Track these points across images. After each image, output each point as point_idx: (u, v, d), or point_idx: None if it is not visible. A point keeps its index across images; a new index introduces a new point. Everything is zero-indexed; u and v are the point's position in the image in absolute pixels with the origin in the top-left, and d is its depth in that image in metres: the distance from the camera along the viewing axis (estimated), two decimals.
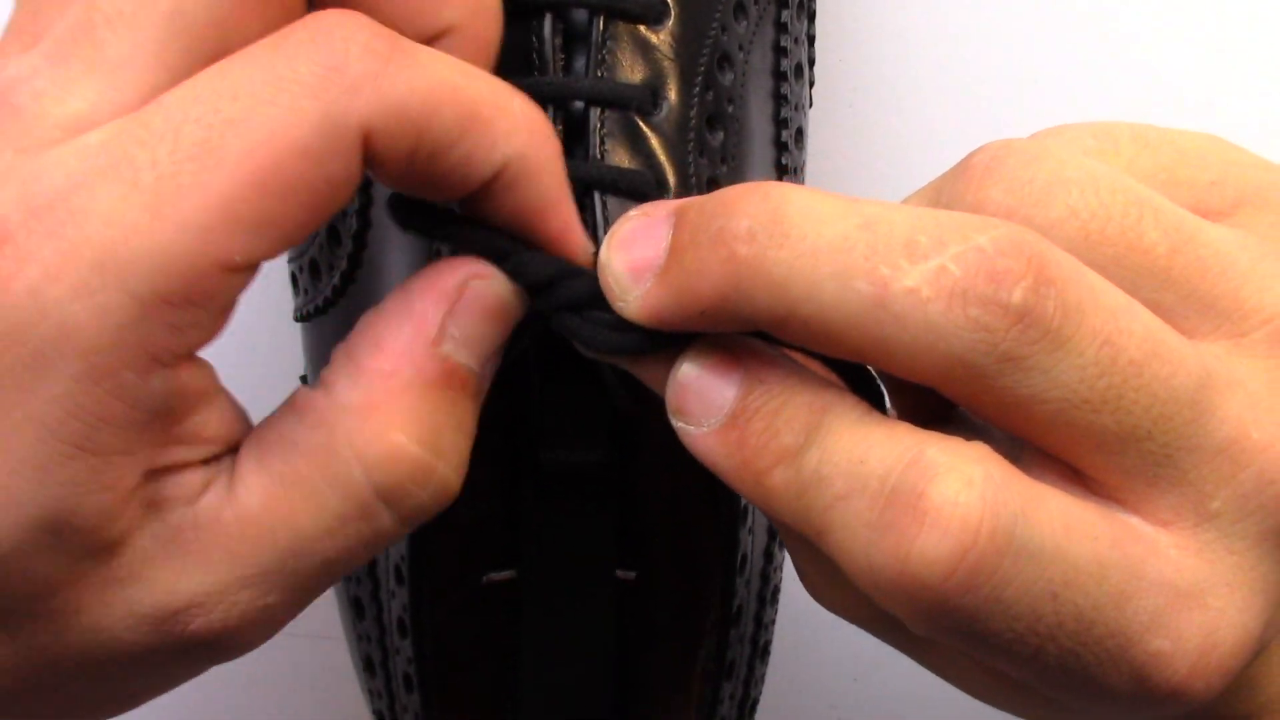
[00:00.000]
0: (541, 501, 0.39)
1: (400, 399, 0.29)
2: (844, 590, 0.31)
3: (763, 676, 0.43)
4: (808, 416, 0.28)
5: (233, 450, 0.30)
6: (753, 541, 0.40)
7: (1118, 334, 0.27)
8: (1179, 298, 0.29)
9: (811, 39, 0.43)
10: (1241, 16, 0.49)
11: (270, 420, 0.30)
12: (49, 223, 0.27)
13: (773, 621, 0.43)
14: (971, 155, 0.30)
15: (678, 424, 0.30)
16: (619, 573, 0.40)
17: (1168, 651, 0.28)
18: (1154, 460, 0.28)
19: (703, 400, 0.29)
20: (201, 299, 0.27)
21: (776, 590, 0.43)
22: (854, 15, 0.50)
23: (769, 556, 0.41)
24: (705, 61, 0.36)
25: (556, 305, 0.30)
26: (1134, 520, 0.28)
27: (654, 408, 0.41)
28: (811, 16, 0.42)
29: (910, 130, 0.49)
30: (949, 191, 0.30)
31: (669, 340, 0.30)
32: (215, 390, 0.29)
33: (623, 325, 0.30)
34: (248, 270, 0.28)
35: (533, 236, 0.30)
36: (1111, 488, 0.28)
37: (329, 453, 0.29)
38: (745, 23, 0.38)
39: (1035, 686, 0.29)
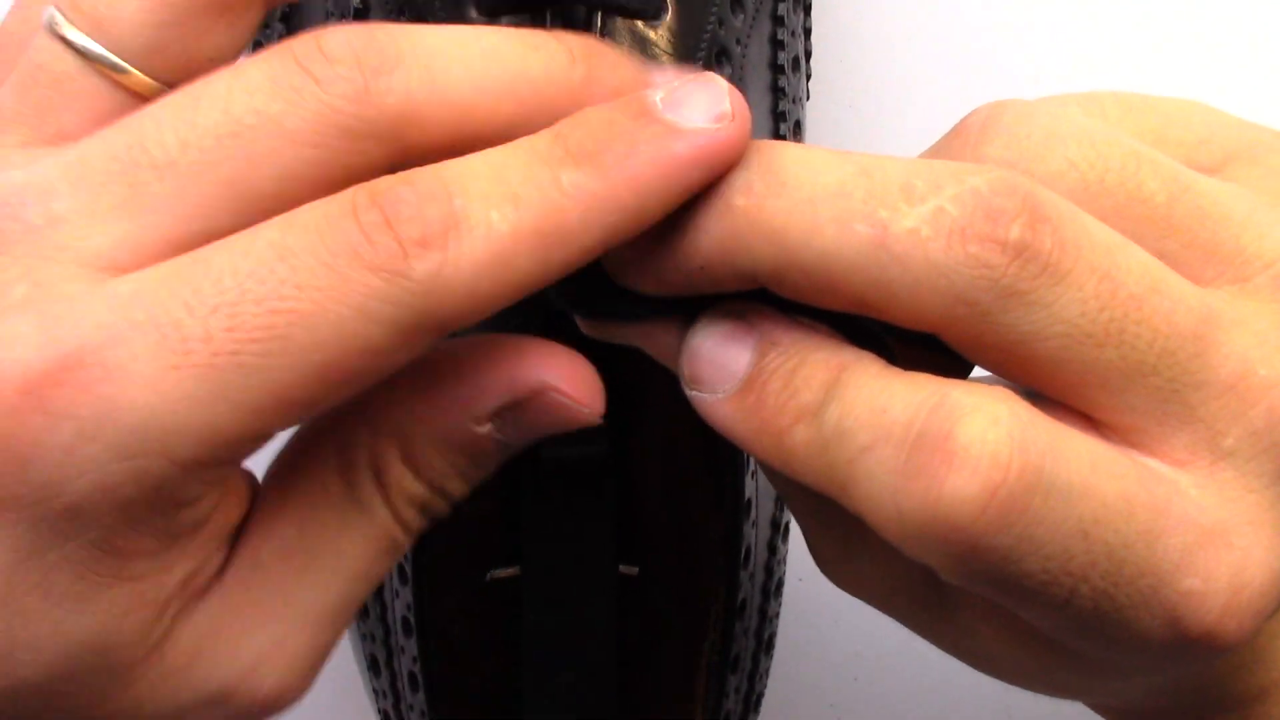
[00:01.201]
0: (543, 497, 0.39)
1: (420, 445, 0.29)
2: (858, 563, 0.31)
3: (767, 670, 0.43)
4: (825, 373, 0.28)
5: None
6: (756, 534, 0.40)
7: (1115, 269, 0.27)
8: (1181, 245, 0.29)
9: (808, 31, 0.43)
10: (1241, 18, 0.50)
11: (296, 451, 0.30)
12: (81, 377, 0.26)
13: (777, 615, 0.43)
14: (966, 117, 0.30)
15: (693, 393, 0.30)
16: (622, 568, 0.40)
17: (1199, 590, 0.28)
18: (1161, 397, 0.28)
19: (717, 367, 0.29)
20: (234, 459, 0.27)
21: (780, 583, 0.43)
22: (850, 7, 0.50)
23: (772, 549, 0.41)
24: (703, 56, 0.37)
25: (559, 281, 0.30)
26: (1152, 462, 0.28)
27: (653, 405, 0.41)
28: (808, 9, 0.42)
29: (907, 121, 0.49)
30: (946, 152, 0.30)
31: (673, 307, 0.30)
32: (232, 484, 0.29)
33: (624, 294, 0.30)
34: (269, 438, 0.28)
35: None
36: (1125, 430, 0.28)
37: (353, 470, 0.29)
38: (742, 16, 0.38)
39: (1067, 639, 0.29)
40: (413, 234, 0.26)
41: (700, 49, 0.36)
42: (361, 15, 0.37)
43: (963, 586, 0.28)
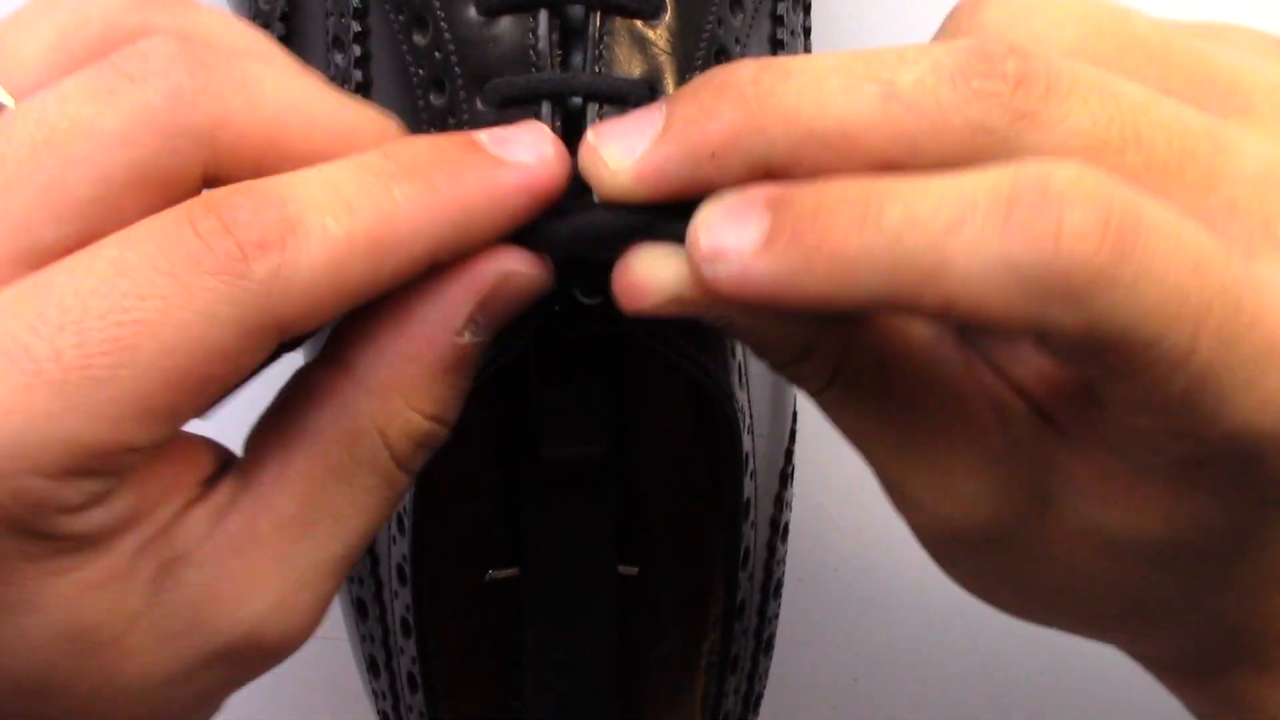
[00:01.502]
0: (542, 498, 0.39)
1: (419, 380, 0.30)
2: (957, 481, 0.30)
3: (767, 670, 0.43)
4: (853, 187, 0.27)
5: (224, 465, 0.31)
6: (755, 535, 0.40)
7: (1112, 86, 0.28)
8: (1183, 80, 0.30)
9: (808, 31, 0.43)
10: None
11: (280, 414, 0.31)
12: None
13: (776, 615, 0.43)
14: (955, 7, 0.31)
15: (714, 270, 0.28)
16: (621, 568, 0.40)
17: None
18: (1200, 191, 0.28)
19: (738, 227, 0.28)
20: (107, 471, 0.28)
21: (780, 583, 0.43)
22: (850, 7, 0.50)
23: (772, 550, 0.42)
24: (702, 56, 0.37)
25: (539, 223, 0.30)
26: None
27: (653, 405, 0.41)
28: (808, 9, 0.42)
29: None
30: (943, 33, 0.31)
31: (668, 214, 0.29)
32: (156, 463, 0.30)
33: (616, 208, 0.29)
34: (154, 447, 0.28)
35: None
36: None
37: (355, 435, 0.30)
38: (742, 16, 0.38)
39: (1170, 426, 0.28)
40: (251, 237, 0.27)
41: (699, 48, 0.36)
42: (360, 15, 0.37)
43: (1076, 350, 0.27)
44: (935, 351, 0.30)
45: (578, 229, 0.30)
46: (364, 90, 0.37)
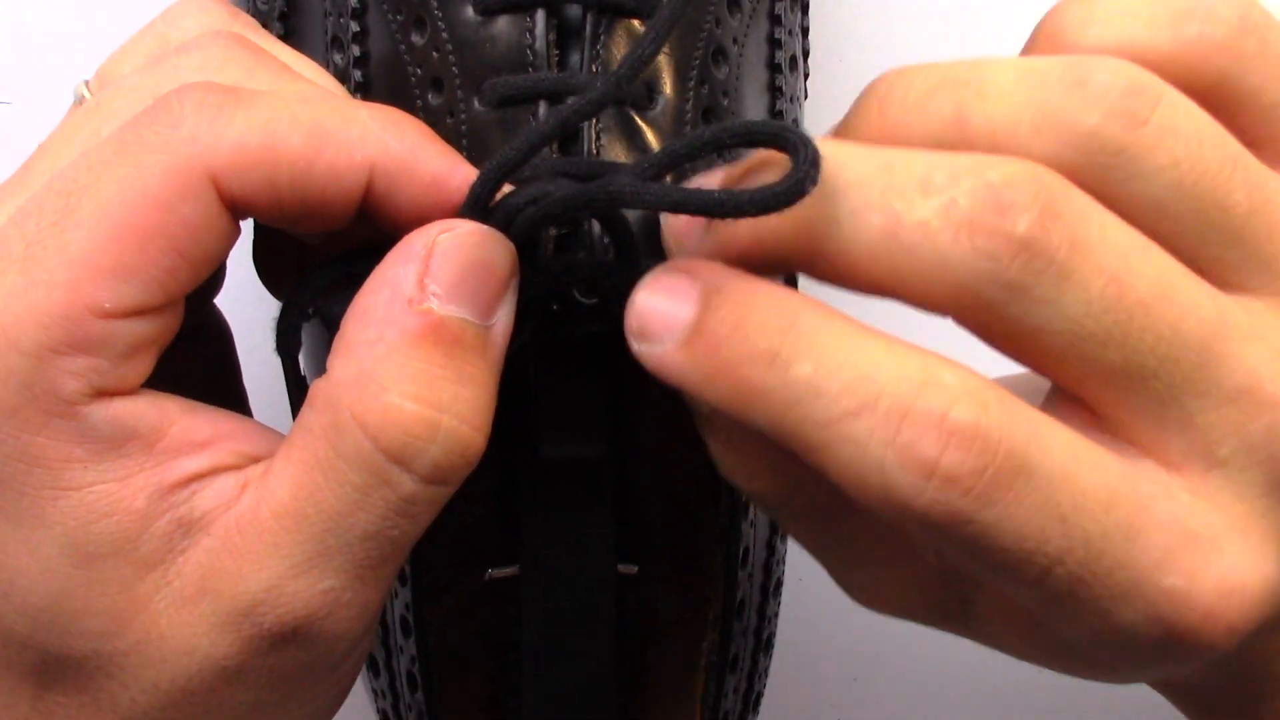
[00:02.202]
0: (541, 497, 0.39)
1: (388, 362, 0.30)
2: (873, 578, 0.32)
3: (766, 669, 0.43)
4: (777, 318, 0.28)
5: (261, 457, 0.31)
6: (754, 534, 0.40)
7: (1126, 273, 0.28)
8: (1243, 255, 0.29)
9: (805, 30, 0.43)
10: None
11: (296, 419, 0.31)
12: None
13: (776, 614, 0.43)
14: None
15: (640, 348, 0.30)
16: (621, 567, 0.40)
17: (1182, 589, 0.28)
18: (1160, 400, 0.28)
19: (661, 315, 0.29)
20: (89, 345, 0.29)
21: (779, 583, 0.43)
22: (848, 6, 0.50)
23: (771, 549, 0.41)
24: (700, 55, 0.37)
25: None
26: (1146, 463, 0.29)
27: (652, 404, 0.41)
28: (805, 8, 0.42)
29: None
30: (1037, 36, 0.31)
31: (617, 184, 0.30)
32: (181, 407, 0.31)
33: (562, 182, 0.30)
34: (132, 316, 0.30)
35: (444, 201, 0.32)
36: (1125, 427, 0.29)
37: (337, 430, 0.30)
38: (739, 15, 0.38)
39: (1050, 621, 0.29)
40: (195, 98, 0.30)
41: (697, 48, 0.36)
42: (359, 15, 0.37)
43: (934, 549, 0.29)
44: None
45: (528, 198, 0.31)
46: (363, 90, 0.37)
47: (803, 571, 0.52)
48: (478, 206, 0.31)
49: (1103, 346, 0.28)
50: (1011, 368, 0.30)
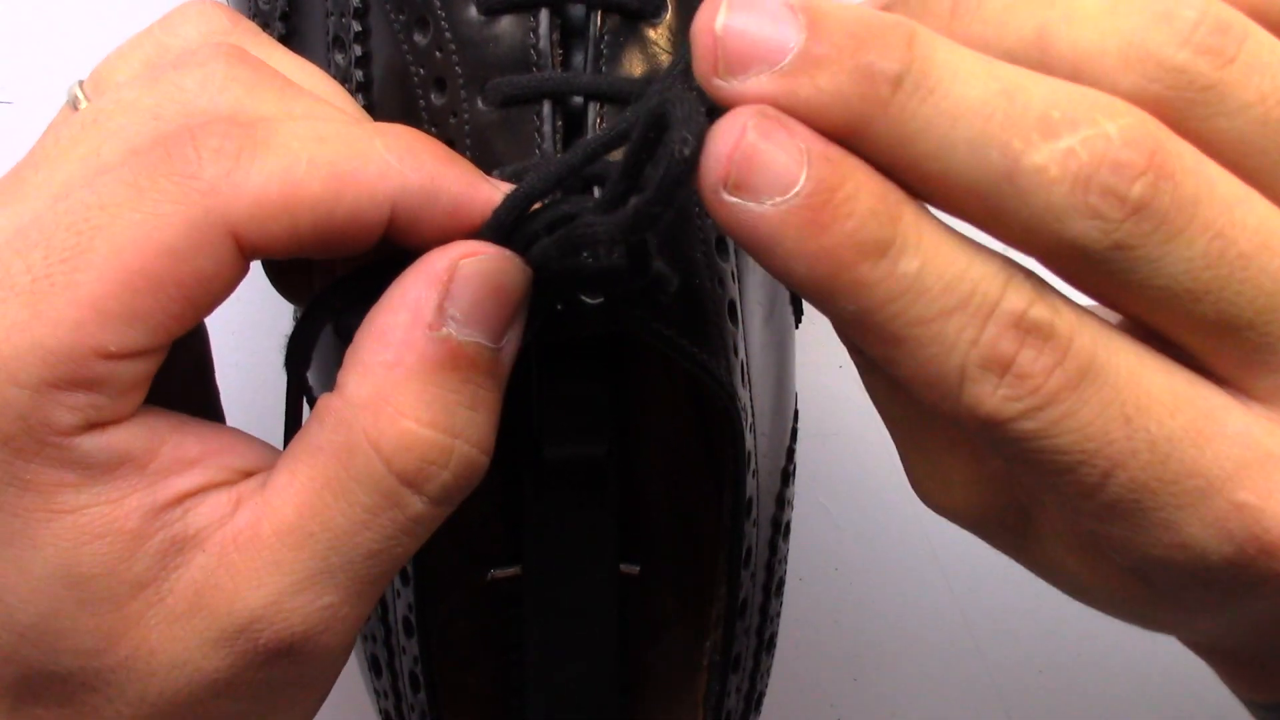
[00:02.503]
0: (544, 497, 0.39)
1: (406, 387, 0.30)
2: (949, 486, 0.32)
3: (768, 669, 0.43)
4: (886, 205, 0.27)
5: (252, 471, 0.31)
6: (757, 534, 0.40)
7: (1230, 227, 0.27)
8: None
9: None
10: None
11: (300, 433, 0.31)
12: None
13: (778, 614, 0.43)
14: None
15: (730, 199, 0.27)
16: (623, 567, 0.40)
17: (1255, 506, 0.27)
18: (1251, 348, 0.28)
19: (770, 173, 0.27)
20: (90, 383, 0.29)
21: (781, 582, 0.43)
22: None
23: (773, 549, 0.41)
24: None
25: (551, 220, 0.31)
26: (1227, 392, 0.28)
27: (654, 404, 0.41)
28: None
29: None
30: None
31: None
32: (170, 425, 0.31)
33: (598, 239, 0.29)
34: (133, 358, 0.29)
35: (466, 222, 0.31)
36: (1208, 364, 0.28)
37: (350, 451, 0.30)
38: None
39: (1112, 540, 0.29)
40: (211, 145, 0.30)
41: None
42: (361, 14, 0.37)
43: (992, 447, 0.29)
44: None
45: (546, 223, 0.31)
46: (364, 90, 0.37)
47: (803, 571, 0.52)
48: (500, 230, 0.31)
49: (1198, 301, 0.28)
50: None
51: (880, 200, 0.27)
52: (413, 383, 0.30)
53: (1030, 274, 0.28)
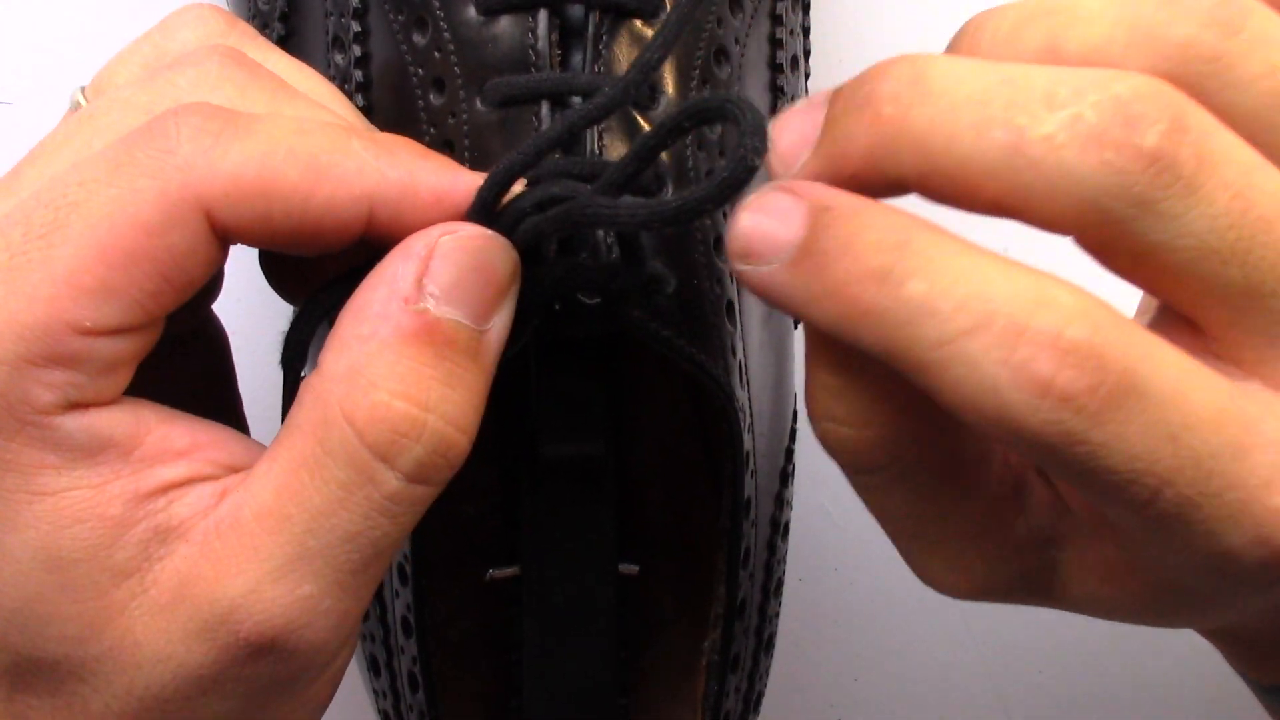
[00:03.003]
0: (542, 497, 0.39)
1: (380, 358, 0.30)
2: (970, 567, 0.32)
3: (767, 669, 0.43)
4: (890, 235, 0.28)
5: (241, 468, 0.31)
6: (756, 534, 0.40)
7: (1249, 189, 0.28)
8: None
9: (807, 30, 0.43)
10: None
11: (286, 419, 0.31)
12: None
13: (777, 614, 0.43)
14: None
15: (744, 269, 0.29)
16: (622, 567, 0.40)
17: None
18: (1276, 319, 0.28)
19: (767, 235, 0.29)
20: (66, 360, 0.29)
21: (780, 582, 0.43)
22: (849, 6, 0.50)
23: (772, 549, 0.42)
24: (702, 55, 0.37)
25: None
26: (1253, 384, 0.28)
27: (653, 404, 0.41)
28: (806, 8, 0.42)
29: None
30: None
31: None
32: (159, 416, 0.31)
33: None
34: (111, 335, 0.30)
35: (449, 214, 0.32)
36: (1235, 347, 0.29)
37: (325, 425, 0.30)
38: (741, 16, 0.38)
39: (1153, 551, 0.29)
40: (192, 124, 0.30)
41: (699, 48, 0.36)
42: (360, 15, 0.37)
43: (1042, 468, 0.29)
44: (962, 434, 0.31)
45: (534, 201, 0.31)
46: (363, 90, 0.37)
47: (803, 571, 0.52)
48: (484, 210, 0.31)
49: (1224, 264, 0.28)
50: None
51: (884, 231, 0.28)
52: (386, 354, 0.30)
53: (1073, 291, 0.27)
